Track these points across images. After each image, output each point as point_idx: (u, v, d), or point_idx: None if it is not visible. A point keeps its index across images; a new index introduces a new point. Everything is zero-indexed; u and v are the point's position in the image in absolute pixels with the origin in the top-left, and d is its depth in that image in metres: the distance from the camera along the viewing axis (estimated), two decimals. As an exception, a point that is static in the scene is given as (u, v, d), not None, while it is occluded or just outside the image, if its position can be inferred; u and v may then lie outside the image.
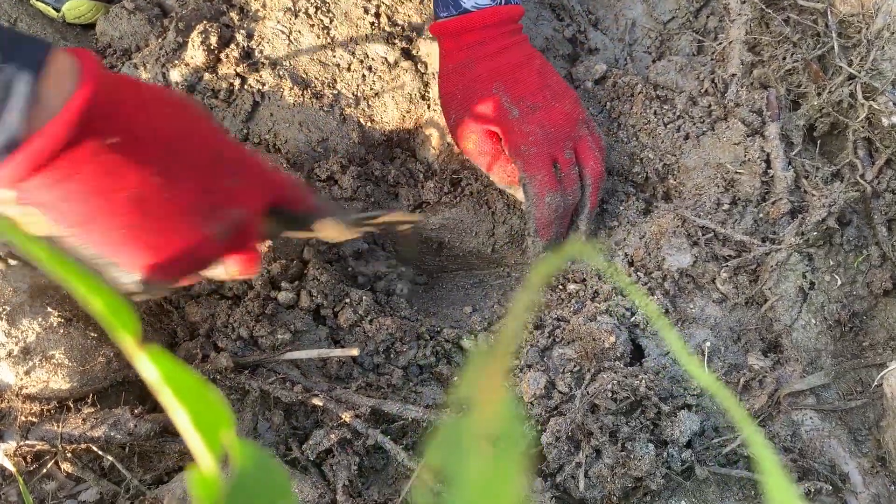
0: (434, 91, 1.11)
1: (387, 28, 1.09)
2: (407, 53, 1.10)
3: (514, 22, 0.97)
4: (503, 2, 0.95)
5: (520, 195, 1.00)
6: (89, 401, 0.81)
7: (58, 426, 0.77)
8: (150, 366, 0.19)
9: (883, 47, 0.99)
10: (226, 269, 0.72)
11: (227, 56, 1.06)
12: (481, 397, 0.18)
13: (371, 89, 1.07)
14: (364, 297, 0.95)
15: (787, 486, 0.23)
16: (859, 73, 0.99)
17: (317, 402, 0.84)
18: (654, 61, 1.13)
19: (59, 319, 0.80)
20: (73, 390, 0.80)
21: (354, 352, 0.88)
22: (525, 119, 0.94)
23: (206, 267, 0.70)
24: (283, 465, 0.82)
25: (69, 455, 0.79)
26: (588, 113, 1.01)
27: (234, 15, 1.11)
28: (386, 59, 1.08)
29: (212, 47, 1.06)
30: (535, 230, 0.97)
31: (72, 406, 0.80)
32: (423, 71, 1.13)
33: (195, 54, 1.05)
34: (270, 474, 0.22)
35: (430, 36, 1.14)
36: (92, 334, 0.81)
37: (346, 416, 0.82)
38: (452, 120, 0.99)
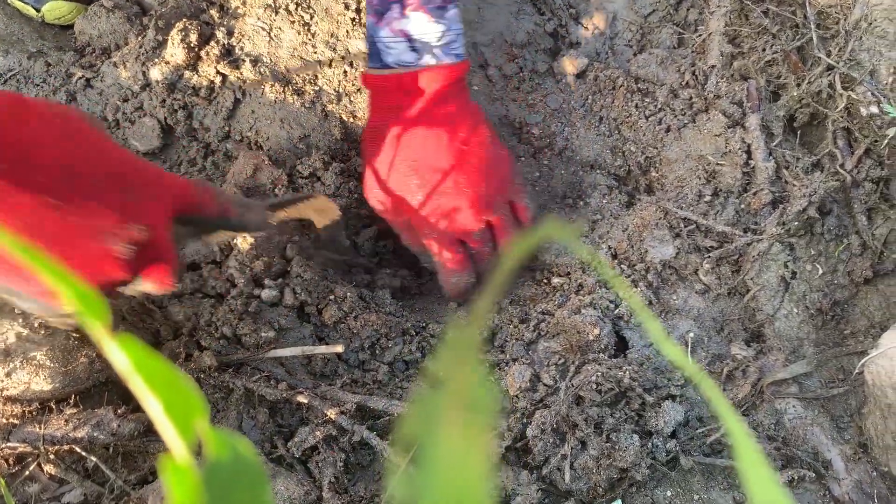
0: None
1: (368, 24, 1.08)
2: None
3: (451, 83, 0.87)
4: (434, 62, 0.86)
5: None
6: (72, 401, 0.81)
7: (40, 428, 0.77)
8: (120, 353, 0.19)
9: (861, 38, 1.00)
10: (143, 285, 0.69)
11: (208, 54, 1.06)
12: (453, 371, 0.18)
13: (353, 85, 1.07)
14: (349, 294, 0.94)
15: (770, 478, 0.23)
16: (838, 63, 1.00)
17: (302, 399, 0.84)
18: (635, 54, 1.13)
19: (40, 320, 0.79)
20: (55, 391, 0.80)
21: (339, 348, 0.88)
22: (429, 205, 0.89)
23: (118, 286, 0.67)
24: (257, 452, 0.81)
25: (52, 457, 0.78)
26: (519, 181, 0.95)
27: (214, 12, 1.10)
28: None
29: (192, 45, 1.05)
30: (448, 296, 0.97)
31: (54, 407, 0.79)
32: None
33: (175, 52, 1.05)
34: (245, 463, 0.22)
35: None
36: (74, 334, 0.80)
37: (332, 413, 0.82)
38: (365, 175, 0.95)
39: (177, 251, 0.71)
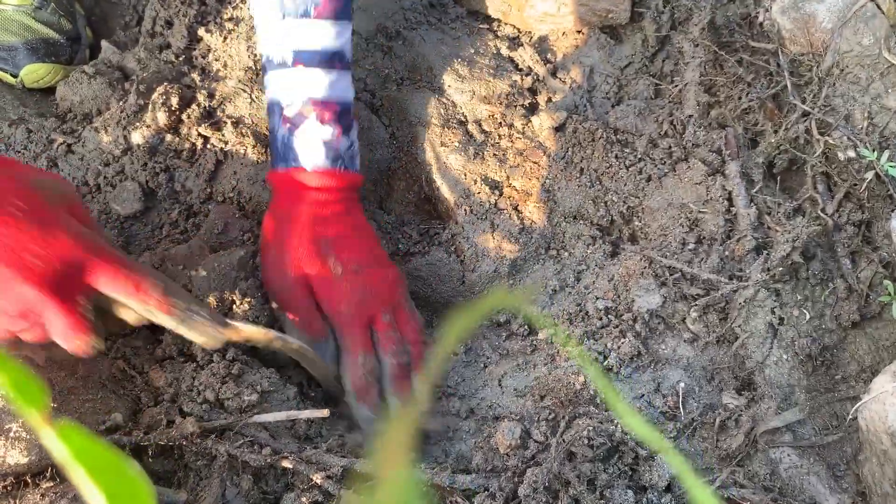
0: (398, 142, 1.12)
1: (348, 83, 1.09)
2: (371, 107, 1.11)
3: (350, 190, 0.97)
4: (342, 167, 0.95)
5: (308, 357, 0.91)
6: (48, 475, 0.78)
7: (15, 503, 0.74)
8: (57, 442, 0.18)
9: (834, 84, 1.01)
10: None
11: (189, 116, 1.06)
12: (384, 471, 0.17)
13: (334, 144, 1.07)
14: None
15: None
16: (813, 109, 1.01)
17: (286, 464, 0.81)
18: (613, 106, 1.14)
19: (16, 391, 0.78)
20: (31, 464, 0.77)
21: (324, 413, 0.86)
22: (347, 278, 0.92)
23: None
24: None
25: (27, 533, 0.76)
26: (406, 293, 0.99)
27: (195, 76, 1.11)
28: (348, 113, 1.08)
29: (173, 108, 1.06)
30: (353, 395, 0.92)
31: (30, 481, 0.77)
32: (386, 123, 1.14)
33: (157, 116, 1.05)
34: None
35: (393, 91, 1.15)
36: (51, 404, 0.78)
37: (318, 478, 0.80)
38: (268, 261, 0.95)
39: (86, 312, 0.72)
